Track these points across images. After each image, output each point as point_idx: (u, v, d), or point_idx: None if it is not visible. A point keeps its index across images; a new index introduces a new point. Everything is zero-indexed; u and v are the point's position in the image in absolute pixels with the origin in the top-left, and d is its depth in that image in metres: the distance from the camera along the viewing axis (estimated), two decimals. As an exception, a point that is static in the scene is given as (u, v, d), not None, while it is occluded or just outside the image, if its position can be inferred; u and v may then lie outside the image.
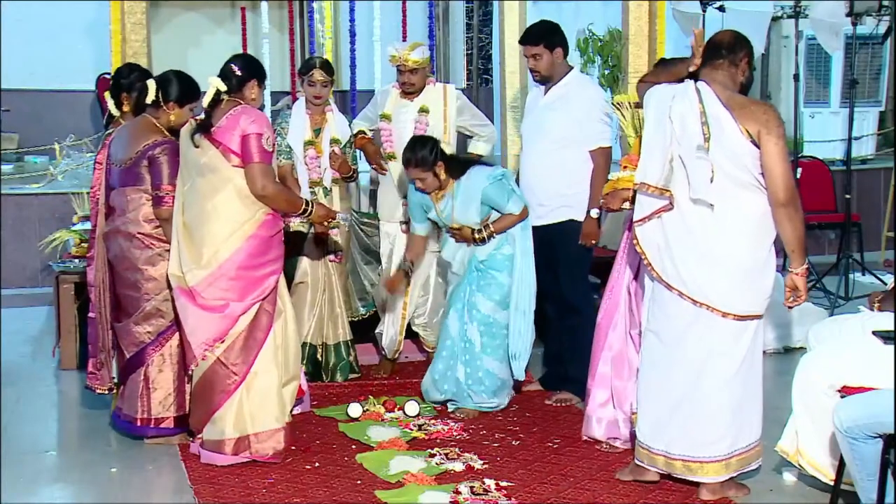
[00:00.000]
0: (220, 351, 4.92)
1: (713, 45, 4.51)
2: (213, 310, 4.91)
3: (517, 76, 7.56)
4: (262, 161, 4.91)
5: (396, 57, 6.25)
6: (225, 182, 4.92)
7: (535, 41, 5.78)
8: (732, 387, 4.46)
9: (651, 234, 4.49)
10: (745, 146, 4.32)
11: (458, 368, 5.71)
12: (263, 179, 4.90)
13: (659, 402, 4.55)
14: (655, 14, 7.48)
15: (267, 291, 4.96)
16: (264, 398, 4.96)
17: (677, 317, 4.47)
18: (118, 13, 7.02)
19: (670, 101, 4.41)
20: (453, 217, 5.73)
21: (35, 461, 5.19)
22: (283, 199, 5.05)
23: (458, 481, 4.70)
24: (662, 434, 4.53)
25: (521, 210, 5.68)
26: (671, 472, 4.55)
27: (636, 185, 4.51)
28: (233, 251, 4.89)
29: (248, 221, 4.92)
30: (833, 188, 9.80)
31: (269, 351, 4.97)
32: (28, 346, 7.36)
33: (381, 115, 6.36)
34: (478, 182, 5.67)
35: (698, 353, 4.45)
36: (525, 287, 5.71)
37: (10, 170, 10.39)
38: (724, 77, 4.45)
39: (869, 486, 4.02)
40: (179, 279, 4.96)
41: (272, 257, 4.99)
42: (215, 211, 4.91)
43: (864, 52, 11.04)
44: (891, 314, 4.57)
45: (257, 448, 4.95)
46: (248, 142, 4.90)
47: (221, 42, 11.04)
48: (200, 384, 4.99)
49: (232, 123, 4.92)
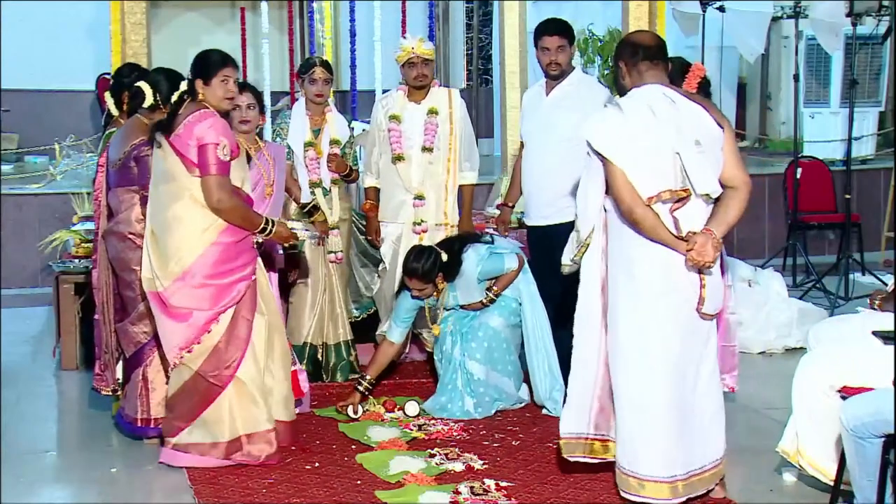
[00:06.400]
0: (199, 364, 4.85)
1: (644, 45, 4.44)
2: (178, 318, 4.83)
3: (517, 76, 7.58)
4: (218, 173, 4.76)
5: (409, 49, 6.19)
6: (183, 191, 4.81)
7: (562, 33, 5.79)
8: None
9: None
10: (719, 135, 4.34)
11: (464, 400, 5.71)
12: (219, 192, 4.76)
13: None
14: (655, 14, 7.50)
15: (237, 299, 4.87)
16: (253, 400, 4.92)
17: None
18: (118, 13, 7.04)
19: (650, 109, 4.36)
20: (459, 305, 5.84)
21: (35, 461, 5.19)
22: (238, 215, 4.84)
23: (458, 481, 4.70)
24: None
25: (518, 262, 5.78)
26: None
27: (654, 195, 4.28)
28: (196, 258, 4.79)
29: (208, 228, 4.81)
30: (833, 188, 9.81)
31: (251, 355, 4.91)
32: (28, 346, 7.36)
33: (391, 116, 6.31)
34: (471, 269, 5.74)
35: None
36: (540, 329, 5.77)
37: (10, 170, 10.41)
38: (664, 74, 4.44)
39: (867, 486, 4.01)
40: (150, 282, 4.89)
41: (240, 264, 4.88)
42: (175, 219, 4.82)
43: (864, 53, 11.05)
44: (891, 314, 4.57)
45: (249, 450, 4.91)
46: (204, 152, 4.75)
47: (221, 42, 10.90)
48: (179, 393, 4.91)
49: (188, 131, 4.78)
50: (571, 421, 4.58)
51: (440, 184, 6.31)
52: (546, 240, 5.81)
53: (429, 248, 5.79)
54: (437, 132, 6.24)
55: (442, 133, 6.26)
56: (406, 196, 6.30)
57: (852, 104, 8.70)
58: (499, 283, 5.78)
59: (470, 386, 5.70)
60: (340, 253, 6.34)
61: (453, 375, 5.75)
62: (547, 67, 5.85)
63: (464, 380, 5.72)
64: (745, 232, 9.42)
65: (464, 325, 5.81)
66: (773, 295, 7.14)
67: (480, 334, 5.75)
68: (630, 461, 4.39)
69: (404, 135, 6.29)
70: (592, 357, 4.51)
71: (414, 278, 5.68)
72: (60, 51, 11.79)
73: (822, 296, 8.22)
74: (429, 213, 6.29)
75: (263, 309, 5.01)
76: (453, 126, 6.31)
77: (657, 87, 4.37)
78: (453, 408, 5.67)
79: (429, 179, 6.29)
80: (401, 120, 6.30)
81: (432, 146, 6.24)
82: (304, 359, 6.15)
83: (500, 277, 5.77)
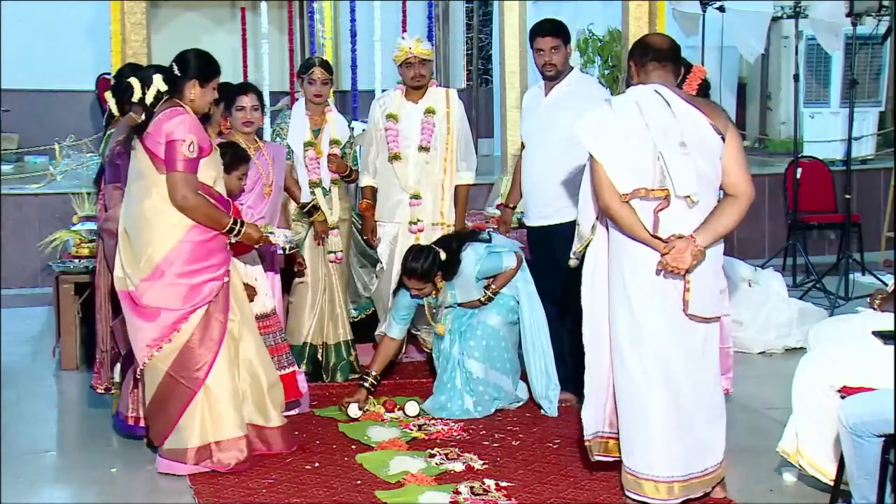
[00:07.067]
0: (169, 363, 4.81)
1: (654, 47, 4.46)
2: (147, 317, 4.79)
3: (517, 76, 7.58)
4: (184, 170, 4.70)
5: (406, 49, 6.20)
6: (151, 188, 4.76)
7: (556, 33, 5.79)
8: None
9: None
10: (717, 141, 4.32)
11: (464, 399, 5.71)
12: (184, 189, 4.70)
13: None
14: (655, 14, 7.50)
15: (207, 299, 4.81)
16: (224, 406, 4.86)
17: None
18: (118, 13, 7.04)
19: (638, 107, 4.36)
20: (457, 303, 5.84)
21: (35, 461, 5.19)
22: (203, 213, 4.76)
23: (458, 481, 4.70)
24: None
25: (516, 261, 5.79)
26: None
27: (629, 193, 4.30)
28: (164, 255, 4.74)
29: (176, 225, 4.75)
30: (833, 188, 9.81)
31: (224, 359, 4.86)
32: (28, 346, 7.35)
33: (388, 115, 6.32)
34: (470, 268, 5.74)
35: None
36: (537, 328, 5.79)
37: (10, 170, 10.41)
38: (671, 77, 4.45)
39: (865, 485, 4.02)
40: (122, 281, 4.85)
41: (211, 264, 4.82)
42: (143, 217, 4.78)
43: (863, 53, 11.05)
44: (891, 314, 4.56)
45: (219, 457, 4.85)
46: (171, 148, 4.69)
47: (221, 42, 11.04)
48: (156, 399, 4.87)
49: (157, 128, 4.73)
50: (590, 421, 4.58)
51: (437, 183, 6.32)
52: (545, 240, 5.81)
53: (428, 247, 5.79)
54: (434, 132, 6.25)
55: (439, 133, 6.26)
56: (403, 195, 6.30)
57: (852, 104, 8.70)
58: (497, 281, 5.79)
59: (469, 385, 5.70)
60: (340, 253, 6.34)
61: (452, 374, 5.75)
62: (542, 68, 5.85)
63: (463, 378, 5.72)
64: (745, 232, 9.42)
65: (462, 324, 5.82)
66: (773, 295, 7.14)
67: (479, 332, 5.76)
68: (630, 459, 4.40)
69: (401, 134, 6.29)
70: (604, 355, 4.52)
71: (413, 278, 5.68)
72: (60, 51, 11.79)
73: (822, 296, 8.22)
74: (425, 212, 6.30)
75: (236, 312, 4.97)
76: (451, 126, 6.31)
77: (653, 86, 4.37)
78: (453, 407, 5.67)
79: (425, 179, 6.29)
80: (398, 119, 6.30)
81: (429, 145, 6.24)
82: (303, 359, 6.16)
83: (498, 276, 5.78)
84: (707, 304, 4.35)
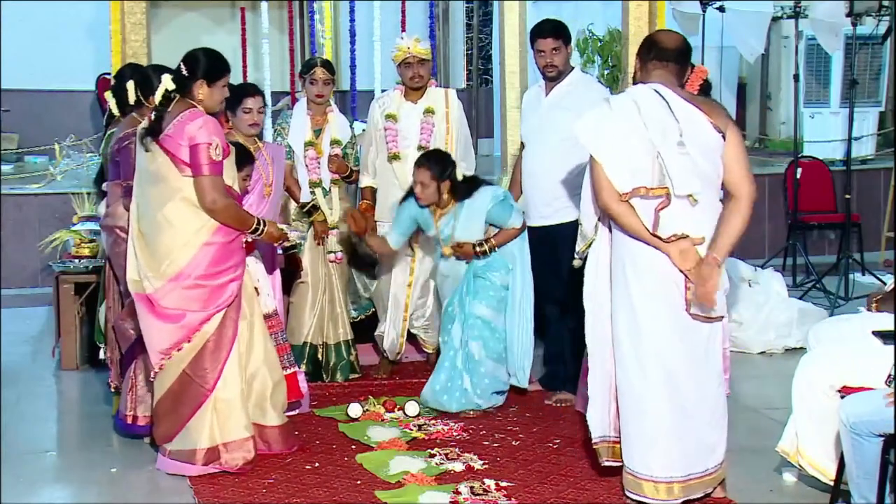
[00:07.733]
0: (187, 362, 4.81)
1: (659, 46, 4.46)
2: (169, 319, 4.77)
3: (517, 76, 7.56)
4: (211, 173, 4.69)
5: (405, 49, 6.20)
6: (174, 192, 4.74)
7: (556, 34, 5.78)
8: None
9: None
10: (717, 140, 4.32)
11: (463, 378, 5.73)
12: (213, 193, 4.70)
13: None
14: (655, 14, 7.47)
15: (230, 299, 4.83)
16: (231, 408, 4.86)
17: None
18: (118, 13, 7.03)
19: (636, 106, 4.36)
20: (453, 236, 5.78)
21: (35, 461, 5.19)
22: (232, 215, 4.80)
23: (458, 481, 4.70)
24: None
25: (522, 224, 5.78)
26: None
27: (629, 192, 4.31)
28: (189, 259, 4.74)
29: (201, 229, 4.75)
30: (833, 188, 9.81)
31: (234, 359, 4.87)
32: (28, 346, 7.35)
33: (387, 115, 6.33)
34: (483, 202, 5.74)
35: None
36: (526, 300, 5.82)
37: (10, 170, 10.41)
38: (673, 77, 4.44)
39: (864, 484, 4.02)
40: (137, 284, 4.83)
41: (232, 264, 4.83)
42: (166, 221, 4.75)
43: (863, 53, 11.04)
44: (891, 314, 4.56)
45: (226, 459, 4.85)
46: (197, 152, 4.67)
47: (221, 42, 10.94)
48: (168, 397, 4.86)
49: (179, 131, 4.70)
50: (596, 424, 4.58)
51: (436, 183, 6.32)
52: (546, 240, 5.82)
53: (449, 156, 5.89)
54: (433, 132, 6.24)
55: (438, 133, 6.26)
56: (402, 195, 6.30)
57: (852, 104, 8.70)
58: (498, 236, 5.78)
59: (469, 365, 5.71)
60: (340, 253, 6.34)
61: (452, 354, 5.77)
62: (544, 70, 5.85)
63: (463, 358, 5.73)
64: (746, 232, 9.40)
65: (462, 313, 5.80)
66: (773, 295, 7.14)
67: (480, 323, 5.76)
68: (630, 459, 4.40)
69: (400, 134, 6.29)
70: (607, 356, 4.52)
71: (420, 167, 5.71)
72: (60, 51, 11.78)
73: (822, 296, 8.22)
74: (425, 212, 6.30)
75: (246, 312, 4.97)
76: (450, 126, 6.32)
77: (653, 85, 4.37)
78: (452, 386, 5.69)
79: None
80: (397, 119, 6.30)
81: (428, 145, 6.23)
82: (304, 358, 6.16)
83: (500, 231, 5.78)
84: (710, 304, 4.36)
